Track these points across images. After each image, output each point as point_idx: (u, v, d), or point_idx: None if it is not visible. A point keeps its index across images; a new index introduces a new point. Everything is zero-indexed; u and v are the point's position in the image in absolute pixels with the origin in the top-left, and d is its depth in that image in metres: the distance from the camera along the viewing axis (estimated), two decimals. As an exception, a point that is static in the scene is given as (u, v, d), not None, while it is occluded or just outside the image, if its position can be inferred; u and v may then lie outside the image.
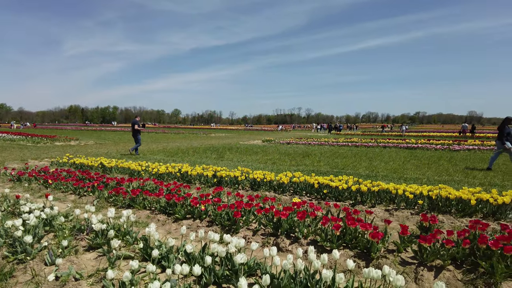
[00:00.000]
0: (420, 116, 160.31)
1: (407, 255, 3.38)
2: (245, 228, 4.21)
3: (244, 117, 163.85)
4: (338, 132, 43.62)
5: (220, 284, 2.81)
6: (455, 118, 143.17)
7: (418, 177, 8.06)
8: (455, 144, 18.01)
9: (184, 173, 7.27)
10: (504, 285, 2.79)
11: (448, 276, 3.00)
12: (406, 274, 3.06)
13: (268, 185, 6.36)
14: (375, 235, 3.22)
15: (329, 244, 3.49)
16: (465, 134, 30.45)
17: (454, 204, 4.84)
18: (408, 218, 4.64)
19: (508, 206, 4.60)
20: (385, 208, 5.06)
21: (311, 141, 21.48)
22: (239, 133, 42.63)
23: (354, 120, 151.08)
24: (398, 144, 18.17)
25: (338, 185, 5.56)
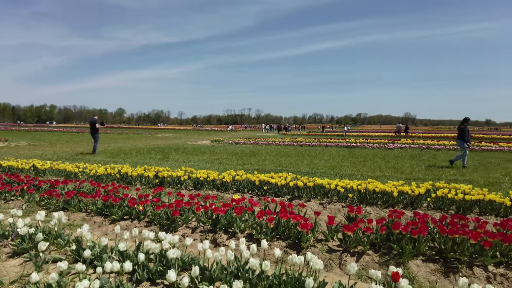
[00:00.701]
0: (362, 117, 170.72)
1: (333, 243, 3.68)
2: (184, 227, 4.25)
3: (193, 117, 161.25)
4: (286, 132, 44.92)
5: (154, 280, 2.83)
6: (393, 119, 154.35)
7: (353, 173, 8.67)
8: (390, 143, 19.52)
9: (124, 174, 7.06)
10: (411, 263, 3.18)
11: (368, 259, 3.33)
12: (332, 261, 3.34)
13: (211, 184, 6.43)
14: (304, 225, 3.46)
15: (263, 237, 3.67)
16: (399, 133, 33.09)
17: (380, 196, 5.33)
18: (340, 210, 5.01)
19: (423, 196, 5.18)
20: (319, 202, 5.41)
21: (259, 141, 21.88)
22: (188, 133, 41.95)
23: (301, 121, 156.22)
24: (339, 144, 19.23)
25: (277, 182, 5.81)
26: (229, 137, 29.86)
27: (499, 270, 3.04)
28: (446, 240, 3.27)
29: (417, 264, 3.21)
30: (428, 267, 3.16)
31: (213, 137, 29.01)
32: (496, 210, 4.79)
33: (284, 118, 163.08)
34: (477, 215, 4.78)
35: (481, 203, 4.92)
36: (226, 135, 34.62)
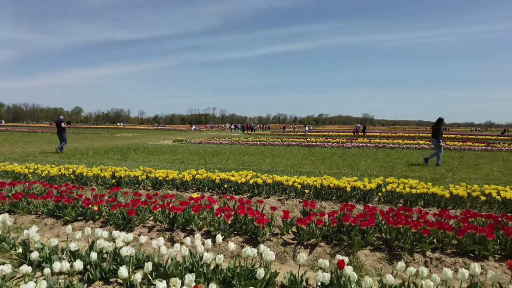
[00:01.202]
0: (323, 117, 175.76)
1: (289, 237, 3.82)
2: (140, 226, 4.19)
3: (155, 117, 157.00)
4: (251, 132, 45.16)
5: (108, 279, 2.79)
6: (352, 119, 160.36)
7: (312, 170, 8.96)
8: (348, 142, 20.32)
9: (79, 175, 6.79)
10: (360, 253, 3.38)
11: (320, 251, 3.50)
12: (286, 253, 3.47)
13: (170, 183, 6.36)
14: (260, 220, 3.56)
15: (221, 233, 3.73)
16: (357, 133, 34.47)
17: (334, 191, 5.57)
18: (297, 205, 5.18)
19: (374, 191, 5.50)
20: (278, 198, 5.55)
21: (223, 141, 21.83)
22: (149, 133, 40.83)
23: (266, 121, 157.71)
24: (300, 143, 19.70)
25: (237, 180, 5.89)
26: (192, 136, 29.49)
27: (435, 255, 3.33)
28: (391, 230, 3.52)
29: (365, 253, 3.42)
30: (375, 256, 3.39)
31: (176, 136, 28.49)
32: (438, 202, 5.20)
33: (248, 118, 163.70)
34: (422, 207, 5.16)
35: (426, 196, 5.31)
36: (189, 135, 34.14)
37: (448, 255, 3.35)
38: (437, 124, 11.05)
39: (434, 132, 10.95)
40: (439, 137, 10.73)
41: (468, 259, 3.26)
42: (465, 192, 5.14)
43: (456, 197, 5.17)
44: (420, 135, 30.72)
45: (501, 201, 5.02)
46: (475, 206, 5.13)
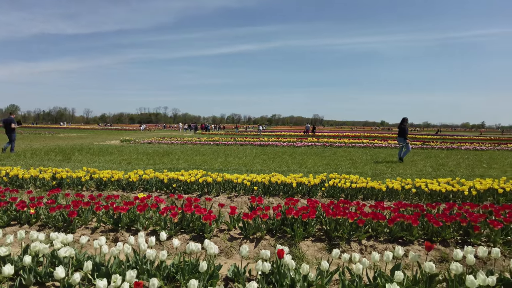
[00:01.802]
0: (276, 118, 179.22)
1: (235, 232, 3.91)
2: (83, 228, 4.03)
3: (102, 116, 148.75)
4: (205, 131, 44.67)
5: (44, 283, 2.67)
6: (303, 120, 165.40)
7: (263, 169, 9.15)
8: (298, 141, 20.98)
9: (14, 177, 6.29)
10: (301, 244, 3.57)
11: (265, 243, 3.63)
12: (233, 248, 3.55)
13: (116, 184, 6.15)
14: (207, 217, 3.61)
15: (167, 231, 3.71)
16: (307, 133, 35.70)
17: (282, 188, 5.78)
18: (246, 202, 5.29)
19: (318, 186, 5.79)
20: (228, 196, 5.63)
21: (174, 141, 21.38)
22: (95, 133, 38.68)
23: (220, 120, 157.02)
24: (253, 142, 19.96)
25: (186, 179, 5.86)
26: (141, 136, 28.49)
27: (369, 242, 3.62)
28: (330, 221, 3.76)
29: (307, 244, 3.62)
30: (316, 246, 3.60)
31: (124, 136, 27.33)
32: (376, 195, 5.62)
33: (202, 117, 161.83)
34: (361, 200, 5.54)
35: (365, 190, 5.71)
36: (138, 135, 32.92)
37: (381, 242, 3.66)
38: (402, 124, 11.85)
39: (400, 131, 11.77)
40: (405, 135, 11.50)
41: (397, 244, 3.59)
42: (399, 186, 5.62)
43: (391, 190, 5.62)
44: (365, 135, 32.62)
45: (429, 192, 5.56)
46: (408, 198, 5.63)
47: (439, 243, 3.65)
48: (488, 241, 3.68)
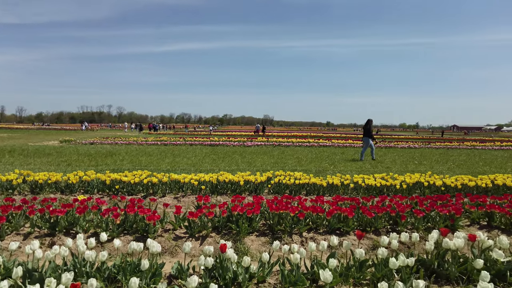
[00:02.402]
0: (227, 118, 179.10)
1: (181, 231, 3.91)
2: (13, 234, 3.75)
3: (39, 114, 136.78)
4: (152, 131, 43.17)
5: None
6: (254, 120, 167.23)
7: (212, 168, 9.16)
8: (248, 141, 21.23)
9: None
10: (246, 239, 3.69)
11: (210, 241, 3.69)
12: (178, 247, 3.55)
13: (53, 186, 5.77)
14: (151, 217, 3.57)
15: (109, 233, 3.61)
16: (258, 133, 36.23)
17: (229, 186, 5.86)
18: (193, 202, 5.28)
19: (264, 183, 5.97)
20: (174, 196, 5.57)
21: (119, 141, 20.45)
22: (30, 133, 35.54)
23: (169, 120, 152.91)
24: (203, 142, 19.80)
25: (130, 180, 5.69)
26: (83, 136, 26.79)
27: (309, 234, 3.85)
28: (274, 216, 3.92)
29: (252, 239, 3.74)
30: (260, 240, 3.73)
31: (63, 136, 25.49)
32: (318, 190, 5.93)
33: (150, 117, 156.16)
34: (304, 195, 5.82)
35: (308, 186, 6.01)
36: (79, 135, 30.91)
37: (320, 234, 3.90)
38: (367, 125, 12.60)
39: (366, 132, 12.49)
40: (370, 136, 12.23)
41: (335, 235, 3.84)
42: (339, 181, 6.00)
43: (331, 186, 5.98)
44: (311, 135, 33.92)
45: (365, 187, 6.01)
46: (346, 192, 6.02)
47: (372, 232, 3.98)
48: (413, 228, 4.09)
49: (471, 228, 4.34)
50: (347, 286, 2.70)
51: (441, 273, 2.85)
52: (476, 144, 23.82)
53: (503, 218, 4.30)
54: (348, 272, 2.73)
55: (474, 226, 4.40)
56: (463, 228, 4.26)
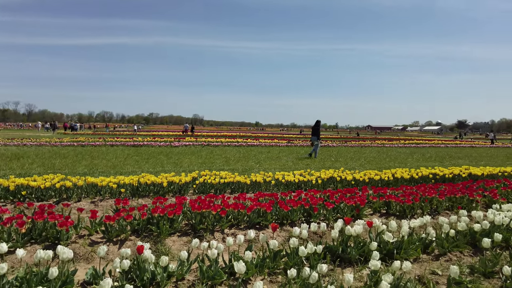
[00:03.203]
0: (154, 117, 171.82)
1: (98, 236, 3.74)
2: None
3: None
4: (71, 131, 39.37)
5: None
6: (183, 119, 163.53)
7: (135, 170, 8.79)
8: (176, 141, 20.76)
9: None
10: (168, 240, 3.68)
11: (130, 244, 3.60)
12: (94, 253, 3.40)
13: None
14: (63, 224, 3.35)
15: (12, 244, 3.29)
16: (186, 133, 35.59)
17: (152, 188, 5.73)
18: (112, 206, 5.04)
19: (189, 184, 5.97)
20: (91, 201, 5.26)
21: (28, 142, 18.29)
22: None
23: (88, 119, 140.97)
24: (126, 143, 18.78)
25: (40, 184, 5.21)
26: (-18, 138, 23.34)
27: (231, 231, 4.00)
28: (196, 215, 3.98)
29: (173, 239, 3.75)
30: (182, 240, 3.76)
31: (-45, 139, 21.90)
32: (242, 188, 6.13)
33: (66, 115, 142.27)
34: (229, 194, 5.97)
35: (233, 185, 6.17)
36: (-23, 136, 26.85)
37: (241, 229, 4.07)
38: (316, 125, 13.71)
39: (314, 132, 13.58)
40: (318, 135, 13.34)
41: (255, 229, 4.06)
42: (262, 179, 6.28)
43: (255, 183, 6.23)
44: (240, 134, 34.49)
45: (285, 183, 6.40)
46: (268, 188, 6.33)
47: (288, 224, 4.29)
48: (325, 219, 4.51)
49: (373, 216, 4.93)
50: (262, 276, 2.90)
51: (344, 257, 3.22)
52: (385, 142, 26.79)
53: (398, 206, 4.99)
54: (263, 262, 2.93)
55: (376, 214, 5.01)
56: (366, 216, 4.82)
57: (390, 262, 3.16)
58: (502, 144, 33.44)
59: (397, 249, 3.28)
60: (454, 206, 5.30)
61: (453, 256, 3.54)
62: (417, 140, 32.26)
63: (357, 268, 3.12)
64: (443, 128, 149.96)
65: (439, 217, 3.99)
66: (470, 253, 3.66)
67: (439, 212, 5.16)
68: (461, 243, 3.65)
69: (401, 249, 3.31)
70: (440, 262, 3.41)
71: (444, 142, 30.30)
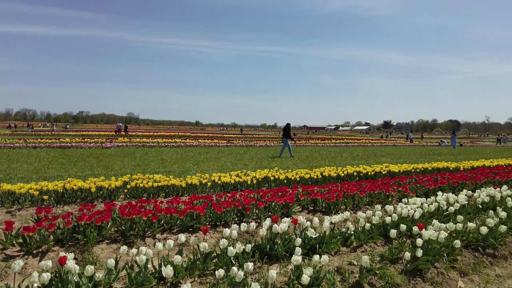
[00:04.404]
0: (84, 115, 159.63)
1: (14, 249, 3.46)
2: None
3: None
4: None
5: None
6: (117, 118, 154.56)
7: (61, 174, 8.19)
8: (108, 142, 19.62)
9: None
10: (95, 248, 3.56)
11: (53, 255, 3.40)
12: (8, 268, 3.15)
13: None
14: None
15: None
16: (119, 133, 33.74)
17: (79, 194, 5.41)
18: (33, 215, 4.68)
19: (120, 188, 5.77)
20: (7, 210, 4.81)
21: None
22: None
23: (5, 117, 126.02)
24: (51, 144, 17.26)
25: None
26: None
27: (163, 235, 3.99)
28: (126, 221, 3.89)
29: (102, 247, 3.63)
30: (111, 248, 3.65)
31: None
32: (177, 191, 6.09)
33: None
34: (164, 198, 5.89)
35: (167, 188, 6.09)
36: None
37: (174, 233, 4.08)
38: (286, 127, 14.81)
39: (285, 133, 14.71)
40: (289, 136, 14.58)
41: (188, 233, 4.10)
42: (197, 181, 6.30)
43: (191, 186, 6.23)
44: (179, 134, 33.75)
45: (221, 184, 6.50)
46: (204, 190, 6.38)
47: (222, 225, 4.40)
48: (257, 218, 4.71)
49: (302, 213, 5.27)
50: (192, 278, 2.97)
51: (272, 254, 3.43)
52: (318, 142, 28.34)
53: (324, 203, 5.40)
54: (193, 265, 3.00)
55: (304, 211, 5.36)
56: (295, 213, 5.14)
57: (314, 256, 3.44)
58: (418, 142, 37.51)
59: (320, 244, 3.58)
60: (373, 201, 5.88)
61: (368, 247, 3.96)
62: (347, 140, 34.68)
63: (283, 263, 3.34)
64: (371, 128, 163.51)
65: (358, 212, 4.42)
66: (382, 243, 4.13)
67: (360, 207, 5.69)
68: (375, 235, 4.10)
69: (323, 243, 3.62)
70: (357, 253, 3.80)
71: (371, 141, 33.02)
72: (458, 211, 4.96)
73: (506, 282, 3.42)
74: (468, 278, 3.43)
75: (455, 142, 29.02)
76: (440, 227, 3.87)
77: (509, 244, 4.23)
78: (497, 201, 5.58)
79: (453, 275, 3.41)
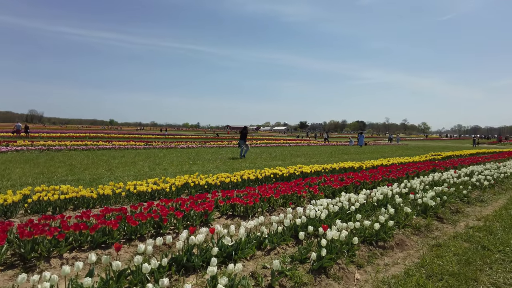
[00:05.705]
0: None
1: None
2: None
3: None
4: None
5: None
6: (15, 116, 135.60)
7: None
8: (3, 145, 17.16)
9: None
10: (-14, 278, 3.16)
11: None
12: None
13: None
14: None
15: None
16: (19, 134, 29.73)
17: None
18: None
19: (19, 203, 5.18)
20: None
21: None
22: None
23: None
24: None
25: None
26: None
27: (72, 254, 3.71)
28: (26, 243, 3.53)
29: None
30: (7, 275, 3.27)
31: None
32: (87, 203, 5.68)
33: None
34: (72, 210, 5.45)
35: (76, 200, 5.65)
36: None
37: (84, 251, 3.83)
38: (244, 130, 16.24)
39: (242, 135, 16.01)
40: (245, 138, 15.89)
41: (100, 249, 3.90)
42: (110, 191, 5.96)
43: (103, 196, 5.87)
44: (90, 135, 31.09)
45: (137, 193, 6.26)
46: (118, 201, 6.07)
47: (137, 239, 4.28)
48: (175, 228, 4.69)
49: (221, 219, 5.40)
50: (104, 299, 2.85)
51: (189, 266, 3.47)
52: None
53: (242, 207, 5.61)
54: (106, 285, 2.88)
55: (223, 217, 5.50)
56: (214, 220, 5.24)
57: (229, 265, 3.59)
58: (328, 142, 40.86)
59: (236, 250, 3.75)
60: (287, 202, 6.30)
61: (280, 249, 4.26)
62: (266, 140, 36.04)
63: (200, 274, 3.42)
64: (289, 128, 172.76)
65: (271, 216, 4.71)
66: (293, 244, 4.48)
67: (275, 209, 6.05)
68: (287, 237, 4.42)
69: (239, 249, 3.79)
70: (271, 256, 4.06)
71: (288, 141, 34.91)
72: (358, 210, 5.62)
73: (391, 269, 4.03)
74: (363, 269, 3.94)
75: (362, 141, 32.63)
76: (342, 226, 4.36)
77: (396, 235, 4.96)
78: (389, 198, 6.46)
79: (351, 268, 3.88)
